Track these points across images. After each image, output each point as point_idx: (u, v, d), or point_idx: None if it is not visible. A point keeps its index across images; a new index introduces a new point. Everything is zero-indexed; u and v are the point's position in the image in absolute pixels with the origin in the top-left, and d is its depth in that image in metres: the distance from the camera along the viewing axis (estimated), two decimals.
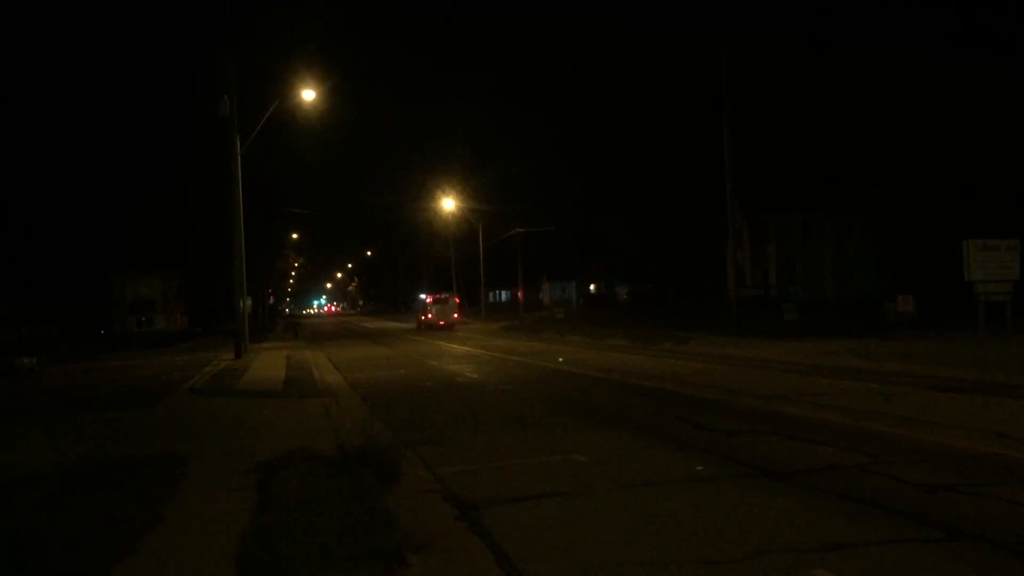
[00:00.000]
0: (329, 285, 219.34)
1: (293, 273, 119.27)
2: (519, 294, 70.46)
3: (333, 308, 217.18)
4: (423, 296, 71.84)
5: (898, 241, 49.39)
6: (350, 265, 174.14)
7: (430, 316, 60.26)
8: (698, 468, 9.17)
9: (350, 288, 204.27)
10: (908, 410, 12.43)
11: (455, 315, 61.73)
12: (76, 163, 59.03)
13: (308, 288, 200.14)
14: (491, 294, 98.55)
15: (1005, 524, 6.68)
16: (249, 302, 33.46)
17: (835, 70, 54.32)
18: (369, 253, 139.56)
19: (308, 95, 30.45)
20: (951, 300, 29.98)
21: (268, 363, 27.61)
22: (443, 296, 63.86)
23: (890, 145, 47.75)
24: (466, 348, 34.65)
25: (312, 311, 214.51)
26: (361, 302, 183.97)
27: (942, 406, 12.91)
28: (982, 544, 6.21)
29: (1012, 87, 43.31)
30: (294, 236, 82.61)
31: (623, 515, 7.37)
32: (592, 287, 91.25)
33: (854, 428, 11.22)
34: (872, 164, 49.54)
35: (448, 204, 72.25)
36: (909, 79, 48.49)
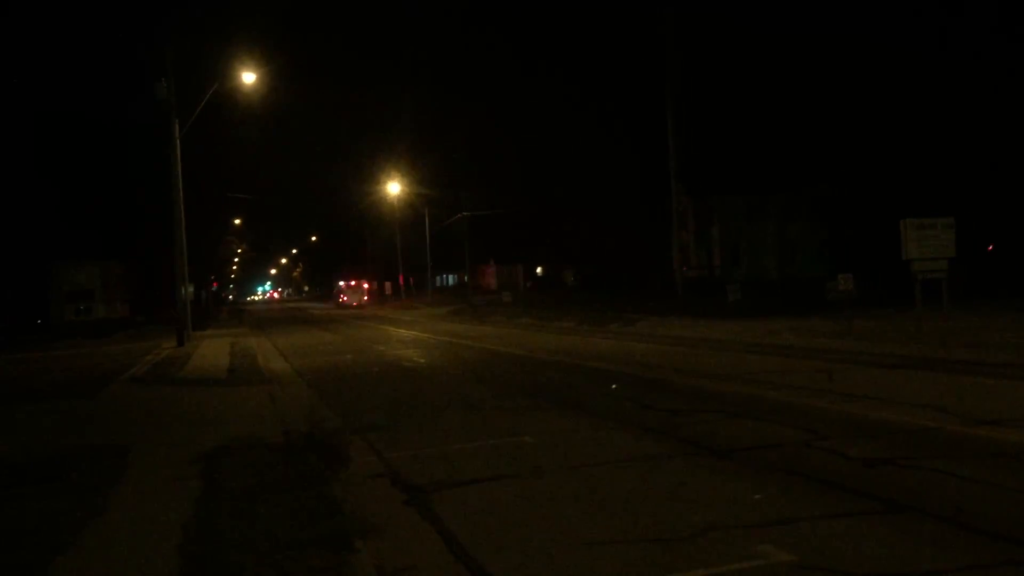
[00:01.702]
0: (274, 271, 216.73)
1: (236, 259, 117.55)
2: (466, 278, 70.69)
3: (275, 295, 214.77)
4: (340, 283, 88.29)
5: (838, 222, 50.24)
6: (294, 251, 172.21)
7: (345, 299, 79.91)
8: (645, 448, 9.25)
9: (295, 274, 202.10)
10: (849, 387, 12.68)
11: (365, 298, 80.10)
12: (6, 151, 57.35)
13: (252, 274, 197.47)
14: (438, 278, 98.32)
15: (943, 496, 6.84)
16: (191, 289, 32.91)
17: (777, 53, 55.02)
18: (314, 238, 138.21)
19: (248, 78, 29.89)
20: (890, 279, 30.58)
21: (212, 351, 27.21)
22: (354, 284, 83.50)
23: (831, 128, 48.46)
24: (413, 333, 34.52)
25: (257, 297, 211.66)
26: (307, 288, 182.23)
27: (882, 382, 13.19)
28: (922, 516, 6.35)
29: (949, 68, 44.21)
30: (236, 222, 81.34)
31: (572, 496, 7.40)
32: (539, 270, 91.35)
33: (797, 405, 11.41)
34: (813, 146, 50.25)
35: (394, 188, 71.87)
36: (849, 62, 49.21)
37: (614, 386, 14.41)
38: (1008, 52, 42.86)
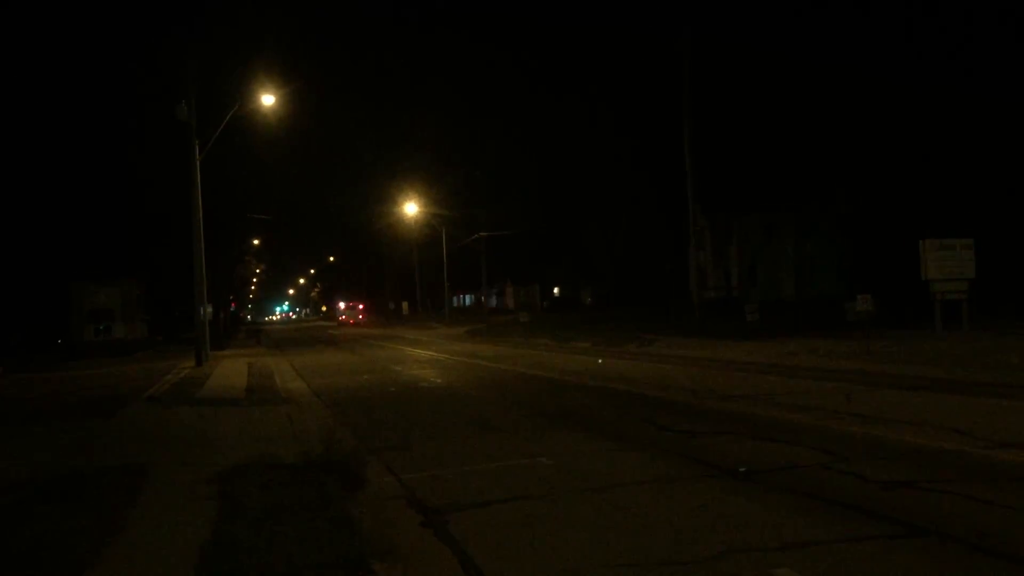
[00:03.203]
0: (292, 291, 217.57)
1: (255, 280, 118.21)
2: (483, 298, 70.80)
3: (292, 315, 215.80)
4: (341, 304, 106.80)
5: (857, 242, 49.99)
6: (312, 271, 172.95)
7: (343, 317, 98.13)
8: (662, 469, 9.21)
9: (313, 294, 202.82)
10: (868, 408, 12.59)
11: (361, 317, 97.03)
12: (30, 171, 57.80)
13: (270, 295, 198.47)
14: (455, 298, 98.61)
15: (963, 519, 6.77)
16: (210, 309, 33.09)
17: (795, 71, 55.24)
18: (332, 259, 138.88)
19: (268, 100, 30.11)
20: (909, 299, 30.39)
21: (230, 371, 27.31)
22: (352, 304, 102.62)
23: (849, 147, 48.41)
24: (430, 353, 34.53)
25: (275, 317, 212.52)
26: (324, 308, 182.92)
27: (901, 404, 13.09)
28: (943, 540, 6.29)
29: (969, 89, 44.14)
30: (255, 242, 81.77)
31: (589, 518, 7.38)
32: (556, 290, 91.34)
33: (816, 427, 11.34)
34: (831, 166, 50.18)
35: (411, 208, 72.19)
36: (867, 81, 49.24)
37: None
38: None
